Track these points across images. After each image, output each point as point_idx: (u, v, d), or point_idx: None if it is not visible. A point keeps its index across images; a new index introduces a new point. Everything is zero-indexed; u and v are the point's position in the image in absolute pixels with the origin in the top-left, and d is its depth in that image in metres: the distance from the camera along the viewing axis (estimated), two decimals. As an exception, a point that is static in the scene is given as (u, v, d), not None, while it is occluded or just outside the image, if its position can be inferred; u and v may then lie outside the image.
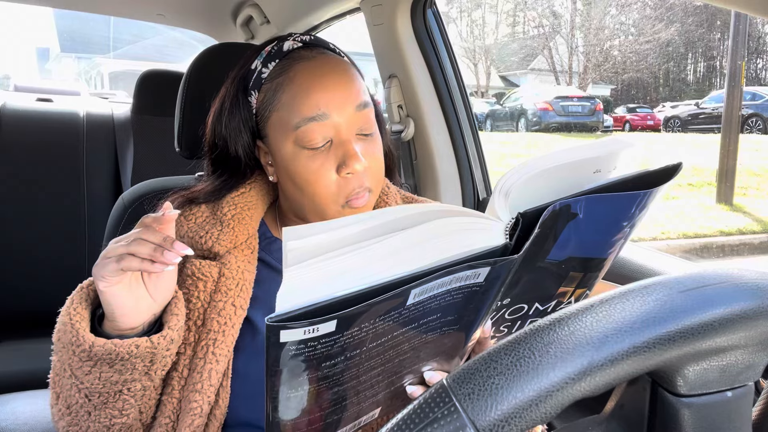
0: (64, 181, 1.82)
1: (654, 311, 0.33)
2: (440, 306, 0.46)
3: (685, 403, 0.35)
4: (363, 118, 0.75)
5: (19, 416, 1.19)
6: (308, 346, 0.41)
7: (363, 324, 0.42)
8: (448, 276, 0.43)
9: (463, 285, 0.45)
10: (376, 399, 0.55)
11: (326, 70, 0.75)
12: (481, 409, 0.30)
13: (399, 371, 0.52)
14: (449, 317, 0.48)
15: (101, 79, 18.96)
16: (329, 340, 0.42)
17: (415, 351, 0.51)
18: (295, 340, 0.40)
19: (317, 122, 0.72)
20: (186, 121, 1.05)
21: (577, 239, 0.50)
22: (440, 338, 0.51)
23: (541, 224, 0.46)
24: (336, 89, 0.73)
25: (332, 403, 0.50)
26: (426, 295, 0.44)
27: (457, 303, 0.47)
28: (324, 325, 0.40)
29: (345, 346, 0.43)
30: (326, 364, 0.44)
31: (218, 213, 0.80)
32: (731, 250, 5.51)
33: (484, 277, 0.45)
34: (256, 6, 1.78)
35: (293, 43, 0.79)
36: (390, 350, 0.48)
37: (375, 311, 0.42)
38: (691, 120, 12.86)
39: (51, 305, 1.87)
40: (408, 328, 0.47)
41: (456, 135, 1.52)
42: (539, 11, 22.96)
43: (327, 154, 0.73)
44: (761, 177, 7.53)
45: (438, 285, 0.43)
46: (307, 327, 0.39)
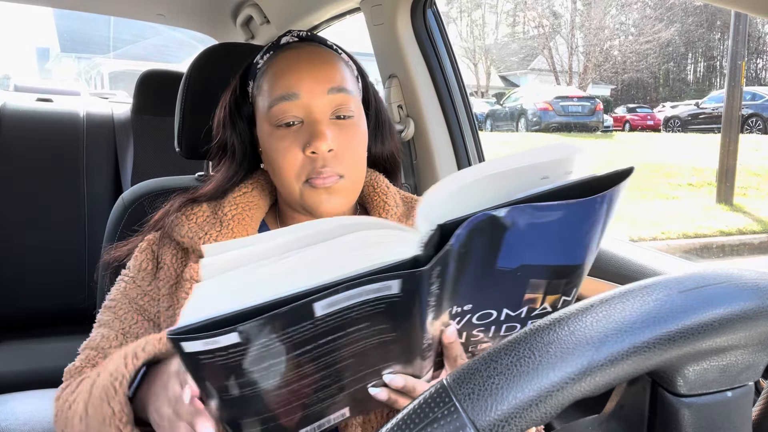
0: (64, 181, 1.82)
1: (654, 311, 0.33)
2: (363, 316, 0.46)
3: (685, 403, 0.35)
4: (337, 100, 0.76)
5: (19, 416, 1.19)
6: (217, 356, 0.42)
7: (271, 335, 0.43)
8: (354, 289, 0.43)
9: (379, 296, 0.45)
10: (335, 401, 0.55)
11: (304, 56, 0.78)
12: (481, 409, 0.30)
13: (347, 375, 0.52)
14: (382, 326, 0.48)
15: (101, 79, 18.95)
16: (240, 350, 0.42)
17: (360, 357, 0.51)
18: (201, 350, 0.41)
19: (287, 101, 0.75)
20: (186, 121, 1.05)
21: (525, 247, 0.50)
22: (384, 345, 0.51)
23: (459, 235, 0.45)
24: (308, 71, 0.76)
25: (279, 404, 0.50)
26: (338, 307, 0.44)
27: (384, 312, 0.47)
28: (224, 337, 0.41)
29: (260, 355, 0.44)
30: (248, 370, 0.45)
31: (219, 213, 0.80)
32: (731, 250, 5.52)
33: (398, 289, 0.45)
34: (256, 6, 1.78)
35: (290, 38, 0.83)
36: (326, 356, 0.48)
37: (280, 323, 0.42)
38: (691, 120, 12.87)
39: (51, 305, 1.88)
40: (336, 336, 0.47)
41: (456, 135, 1.52)
42: (539, 11, 22.96)
43: (297, 133, 0.75)
44: (761, 177, 7.53)
45: (347, 297, 0.43)
46: (207, 339, 0.41)
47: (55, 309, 1.80)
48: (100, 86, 18.07)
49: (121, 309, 0.79)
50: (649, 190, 7.29)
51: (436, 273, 0.46)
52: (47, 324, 1.78)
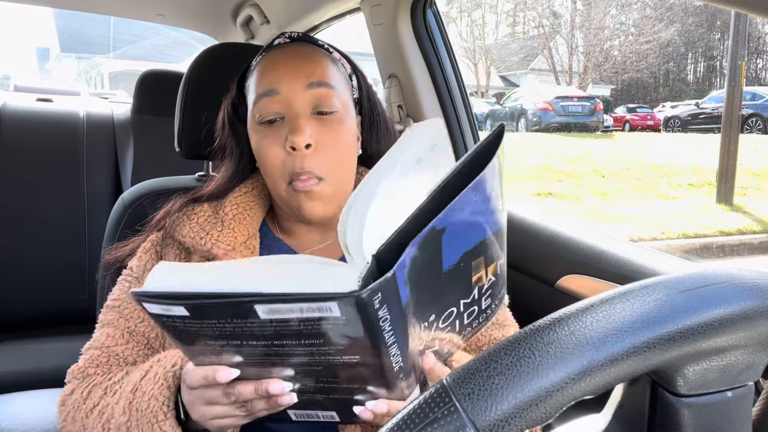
0: (64, 181, 1.82)
1: (654, 311, 0.33)
2: (314, 333, 0.48)
3: (685, 403, 0.35)
4: (318, 95, 0.76)
5: (19, 416, 1.19)
6: (176, 321, 0.49)
7: (221, 320, 0.48)
8: (292, 303, 0.45)
9: (323, 317, 0.46)
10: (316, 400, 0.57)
11: (287, 53, 0.79)
12: (481, 409, 0.30)
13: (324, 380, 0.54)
14: (339, 346, 0.49)
15: (101, 79, 18.95)
16: (192, 323, 0.49)
17: (328, 369, 0.52)
18: (159, 314, 0.49)
19: (268, 97, 0.76)
20: (186, 121, 1.05)
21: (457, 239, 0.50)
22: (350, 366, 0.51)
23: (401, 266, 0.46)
24: (288, 67, 0.77)
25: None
26: (282, 316, 0.46)
27: (334, 334, 0.48)
28: (174, 308, 0.48)
29: (216, 332, 0.50)
30: (212, 342, 0.51)
31: (220, 213, 0.81)
32: (731, 250, 5.51)
33: (339, 312, 0.45)
34: (256, 6, 1.77)
35: (282, 39, 0.84)
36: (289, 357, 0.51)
37: (222, 313, 0.47)
38: (691, 120, 12.86)
39: (51, 305, 1.88)
40: (292, 343, 0.49)
41: (456, 135, 1.51)
42: (539, 11, 22.96)
43: (278, 129, 0.76)
44: (761, 177, 7.53)
45: (288, 309, 0.46)
46: (161, 306, 0.48)
47: (55, 309, 1.80)
48: (100, 86, 18.07)
49: (126, 308, 0.79)
50: (649, 190, 7.29)
51: (377, 300, 0.45)
52: (47, 324, 1.78)
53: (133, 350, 0.77)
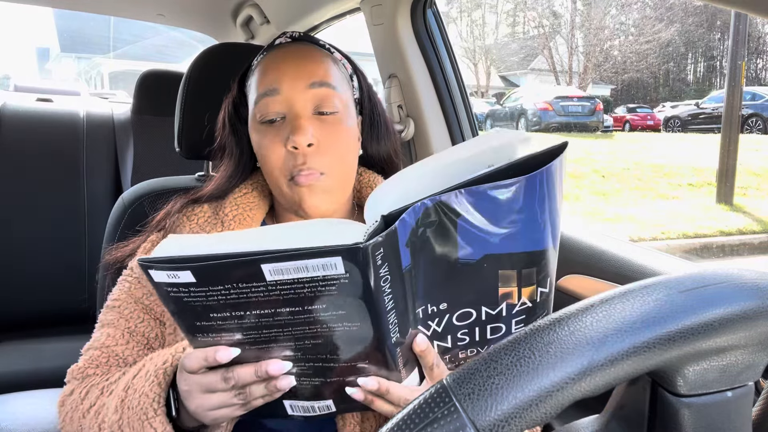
0: (64, 181, 1.82)
1: (654, 311, 0.33)
2: (318, 296, 0.49)
3: (685, 403, 0.35)
4: (318, 96, 0.76)
5: (19, 416, 1.19)
6: (181, 291, 0.50)
7: (225, 284, 0.48)
8: (297, 261, 0.46)
9: (327, 275, 0.47)
10: (314, 384, 0.57)
11: (289, 53, 0.80)
12: (481, 409, 0.30)
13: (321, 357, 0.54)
14: (340, 311, 0.50)
15: (101, 79, 18.95)
16: (198, 291, 0.49)
17: (327, 341, 0.53)
18: (165, 282, 0.49)
19: (269, 97, 0.76)
20: (186, 121, 1.05)
21: (479, 236, 0.51)
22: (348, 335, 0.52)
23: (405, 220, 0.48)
24: (288, 67, 0.77)
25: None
26: (287, 277, 0.47)
27: (336, 296, 0.49)
28: (181, 273, 0.48)
29: (221, 302, 0.50)
30: (214, 315, 0.51)
31: (220, 213, 0.81)
32: (731, 250, 5.51)
33: (343, 269, 0.47)
34: (256, 6, 1.77)
35: (283, 39, 0.84)
36: (289, 327, 0.51)
37: (230, 275, 0.48)
38: (691, 120, 12.86)
39: (51, 305, 1.88)
40: (294, 310, 0.50)
41: (456, 135, 1.51)
42: (539, 11, 22.96)
43: (279, 128, 0.76)
44: (761, 177, 7.53)
45: (294, 269, 0.47)
46: (168, 272, 0.48)
47: (55, 309, 1.80)
48: (100, 86, 18.08)
49: (126, 309, 0.79)
50: (650, 190, 7.29)
51: (380, 256, 0.47)
52: (47, 324, 1.78)
53: (133, 350, 0.77)
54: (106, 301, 0.81)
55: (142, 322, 0.78)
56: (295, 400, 0.59)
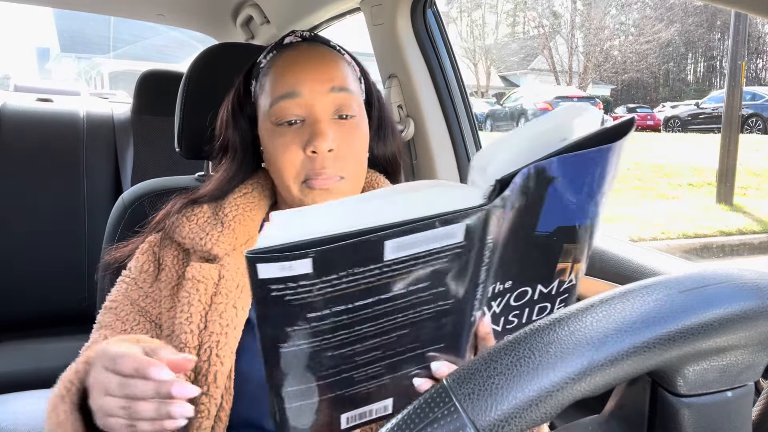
0: (64, 181, 1.82)
1: (654, 311, 0.33)
2: (426, 272, 0.47)
3: (685, 403, 0.35)
4: (339, 100, 0.76)
5: (19, 416, 1.19)
6: (288, 287, 0.43)
7: (341, 272, 0.43)
8: (423, 232, 0.43)
9: (444, 246, 0.45)
10: (381, 383, 0.54)
11: (306, 55, 0.78)
12: (481, 409, 0.30)
13: (400, 350, 0.52)
14: (440, 288, 0.48)
15: (101, 79, 18.95)
16: (308, 284, 0.43)
17: (414, 328, 0.51)
18: (274, 278, 0.42)
19: (289, 99, 0.75)
20: (186, 121, 1.05)
21: (560, 206, 0.51)
22: (438, 316, 0.51)
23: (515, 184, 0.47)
24: (310, 70, 0.76)
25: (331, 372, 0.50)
26: (405, 253, 0.44)
27: (443, 270, 0.47)
28: (298, 262, 0.41)
29: (327, 296, 0.44)
30: (312, 316, 0.45)
31: (219, 214, 0.80)
32: (731, 250, 5.51)
33: (462, 236, 0.45)
34: (256, 6, 1.78)
35: (293, 38, 0.83)
36: (383, 318, 0.48)
37: (350, 257, 0.43)
38: (691, 120, 12.86)
39: (51, 305, 1.88)
40: (397, 294, 0.47)
41: (456, 135, 1.51)
42: (539, 11, 22.96)
43: (297, 131, 0.75)
44: (761, 177, 7.53)
45: (415, 242, 0.44)
46: (282, 263, 0.41)
47: (55, 309, 1.80)
48: (100, 86, 18.08)
49: (122, 311, 0.79)
50: (650, 190, 7.29)
51: (492, 222, 0.46)
52: (47, 324, 1.78)
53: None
54: (105, 302, 0.81)
55: (137, 325, 0.78)
56: (353, 411, 0.56)
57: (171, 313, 0.76)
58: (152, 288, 0.80)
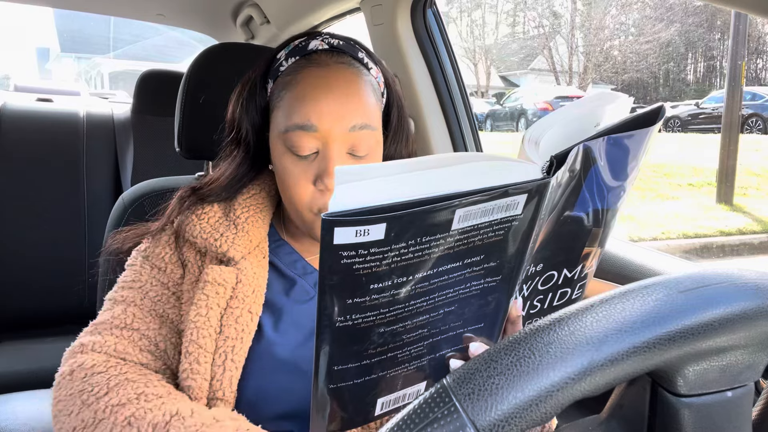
0: (64, 181, 1.82)
1: (654, 311, 0.33)
2: (483, 243, 0.47)
3: (685, 403, 0.35)
4: (355, 139, 0.73)
5: (19, 416, 1.19)
6: (359, 255, 0.43)
7: (410, 240, 0.43)
8: (491, 201, 0.44)
9: (504, 217, 0.46)
10: (419, 365, 0.55)
11: (331, 81, 0.73)
12: (481, 409, 0.30)
13: (443, 328, 0.53)
14: (492, 263, 0.49)
15: (101, 79, 18.95)
16: (378, 252, 0.43)
17: (461, 305, 0.51)
18: (347, 243, 0.42)
19: (305, 132, 0.71)
20: (186, 121, 1.05)
21: (597, 188, 0.52)
22: (484, 293, 0.52)
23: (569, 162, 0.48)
24: (331, 104, 0.71)
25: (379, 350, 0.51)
26: (470, 222, 0.45)
27: (499, 243, 0.48)
28: (374, 228, 0.41)
29: (392, 265, 0.44)
30: (374, 287, 0.45)
31: (231, 215, 0.79)
32: (731, 250, 5.51)
33: (522, 208, 0.46)
34: (256, 6, 1.77)
35: (320, 43, 0.78)
36: (436, 293, 0.49)
37: (422, 225, 0.43)
38: (691, 120, 12.85)
39: (51, 305, 1.88)
40: (454, 266, 0.47)
41: (456, 135, 1.52)
42: (539, 11, 22.96)
43: (310, 163, 0.73)
44: (761, 177, 7.53)
45: (481, 212, 0.44)
46: (359, 227, 0.41)
47: (55, 309, 1.80)
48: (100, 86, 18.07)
49: (151, 290, 0.76)
50: (650, 190, 7.29)
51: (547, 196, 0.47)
52: (47, 324, 1.78)
53: (165, 337, 0.74)
54: (112, 288, 0.79)
55: (171, 308, 0.76)
56: (388, 395, 0.56)
57: (185, 307, 0.75)
58: (181, 281, 0.78)
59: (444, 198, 0.42)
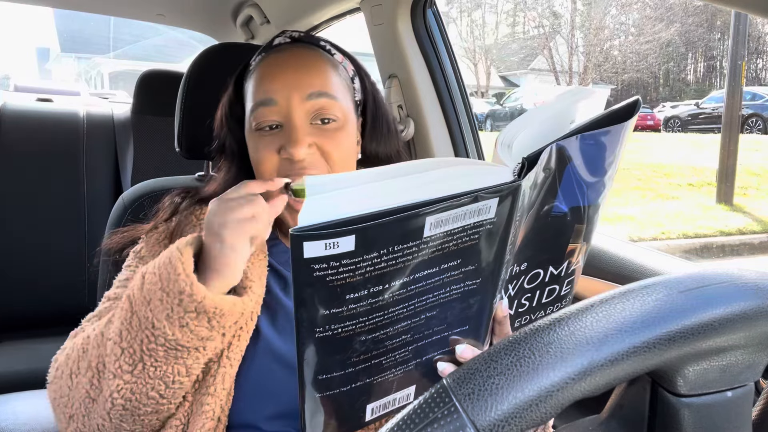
0: (64, 181, 1.82)
1: (654, 311, 0.33)
2: (459, 248, 0.48)
3: (685, 403, 0.35)
4: (317, 105, 0.75)
5: (19, 416, 1.19)
6: (330, 267, 0.43)
7: (381, 249, 0.44)
8: (460, 207, 0.44)
9: (477, 222, 0.46)
10: (406, 370, 0.55)
11: (288, 59, 0.78)
12: (481, 409, 0.30)
13: (427, 333, 0.53)
14: (470, 266, 0.49)
15: (101, 79, 18.96)
16: (350, 263, 0.43)
17: (442, 309, 0.51)
18: (318, 257, 0.42)
19: (266, 107, 0.75)
20: (186, 121, 1.05)
21: (574, 186, 0.53)
22: (465, 296, 0.52)
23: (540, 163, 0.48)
24: (287, 76, 0.76)
25: (362, 357, 0.51)
26: (442, 229, 0.45)
27: (474, 247, 0.48)
28: (343, 240, 0.42)
29: (366, 275, 0.45)
30: (350, 297, 0.46)
31: None
32: (731, 250, 5.51)
33: (494, 212, 0.46)
34: (256, 6, 1.77)
35: (283, 38, 0.83)
36: (415, 299, 0.49)
37: (393, 234, 0.43)
38: (691, 120, 12.86)
39: (51, 305, 1.88)
40: (431, 272, 0.48)
41: (456, 135, 1.51)
42: (539, 11, 22.96)
43: (275, 137, 0.76)
44: (761, 177, 7.53)
45: (453, 218, 0.45)
46: (328, 240, 0.42)
47: (55, 309, 1.80)
48: (100, 86, 18.08)
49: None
50: (650, 190, 7.29)
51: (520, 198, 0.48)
52: (47, 324, 1.78)
53: None
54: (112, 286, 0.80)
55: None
56: (377, 401, 0.57)
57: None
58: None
59: (412, 207, 0.43)
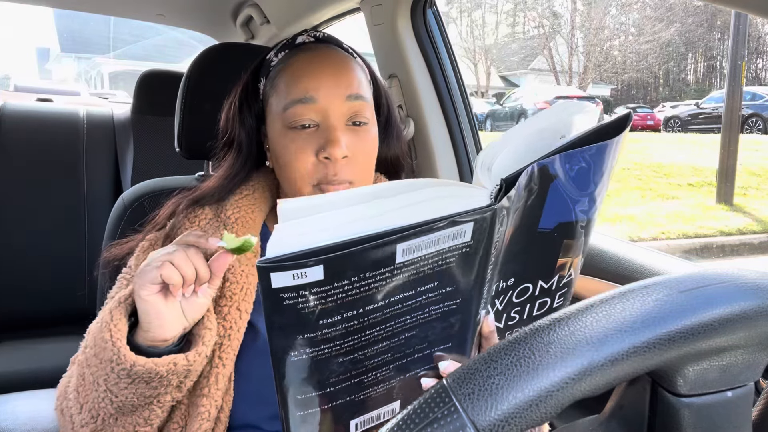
0: (64, 181, 1.82)
1: (654, 311, 0.33)
2: (435, 272, 0.47)
3: (685, 403, 0.35)
4: (354, 108, 0.76)
5: (19, 416, 1.19)
6: (300, 295, 0.43)
7: (353, 277, 0.43)
8: (433, 233, 0.44)
9: (453, 246, 0.46)
10: (389, 387, 0.55)
11: (322, 59, 0.78)
12: (481, 409, 0.30)
13: (408, 352, 0.53)
14: (448, 288, 0.49)
15: (101, 79, 18.96)
16: (320, 291, 0.43)
17: (422, 329, 0.51)
18: (287, 286, 0.42)
19: (303, 104, 0.74)
20: (186, 121, 1.05)
21: (561, 202, 0.52)
22: (445, 316, 0.51)
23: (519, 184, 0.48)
24: (326, 76, 0.75)
25: (341, 378, 0.50)
26: (416, 255, 0.45)
27: (452, 269, 0.48)
28: (311, 270, 0.41)
29: (339, 302, 0.44)
30: (323, 322, 0.45)
31: (222, 216, 0.80)
32: (731, 250, 5.51)
33: (470, 235, 0.46)
34: (256, 6, 1.77)
35: (306, 37, 0.82)
36: (392, 320, 0.48)
37: (363, 262, 0.43)
38: (691, 120, 12.86)
39: (51, 305, 1.88)
40: (407, 296, 0.47)
41: (456, 135, 1.51)
42: (539, 11, 22.96)
43: (311, 136, 0.75)
44: (761, 177, 7.53)
45: (426, 243, 0.44)
46: (295, 270, 0.41)
47: (55, 309, 1.80)
48: (100, 86, 18.08)
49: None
50: (650, 190, 7.29)
51: (499, 221, 0.47)
52: (47, 324, 1.78)
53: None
54: (106, 299, 0.81)
55: None
56: (362, 416, 0.56)
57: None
58: None
59: (383, 235, 0.42)
